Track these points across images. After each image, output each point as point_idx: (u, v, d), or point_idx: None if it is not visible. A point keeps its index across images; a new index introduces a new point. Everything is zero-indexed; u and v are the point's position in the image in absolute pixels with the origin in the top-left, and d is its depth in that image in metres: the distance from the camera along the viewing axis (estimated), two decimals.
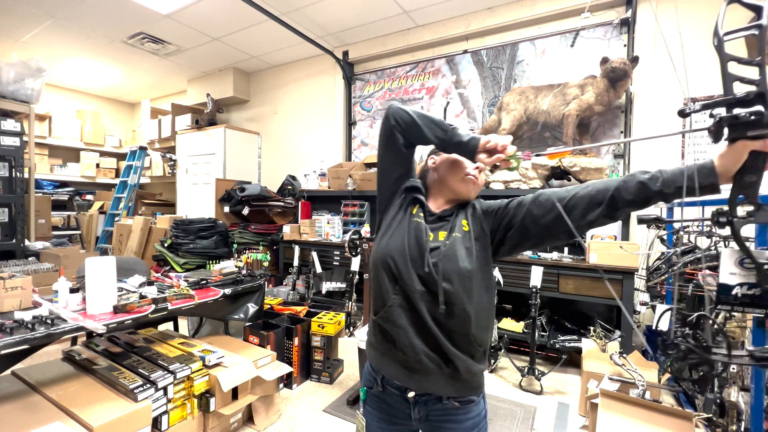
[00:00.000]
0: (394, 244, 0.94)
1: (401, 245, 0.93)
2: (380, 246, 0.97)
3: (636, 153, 3.06)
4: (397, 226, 0.97)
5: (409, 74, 4.18)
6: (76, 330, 1.56)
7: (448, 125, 0.92)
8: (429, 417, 0.94)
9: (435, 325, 0.88)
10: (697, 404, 2.00)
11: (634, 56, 2.82)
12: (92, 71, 5.35)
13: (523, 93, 3.29)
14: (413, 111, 0.96)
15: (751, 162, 0.63)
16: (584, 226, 0.82)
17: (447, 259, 0.89)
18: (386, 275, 0.94)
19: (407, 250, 0.92)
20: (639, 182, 0.74)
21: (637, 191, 0.74)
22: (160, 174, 5.96)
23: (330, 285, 3.62)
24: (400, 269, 0.91)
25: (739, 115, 0.58)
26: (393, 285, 0.93)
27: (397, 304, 0.91)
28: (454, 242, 0.91)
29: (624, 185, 0.76)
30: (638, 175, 0.75)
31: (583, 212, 0.80)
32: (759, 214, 0.62)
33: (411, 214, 0.98)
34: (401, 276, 0.91)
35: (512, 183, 3.16)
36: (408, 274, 0.90)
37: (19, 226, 3.34)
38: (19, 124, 3.33)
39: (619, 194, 0.76)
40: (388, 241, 0.95)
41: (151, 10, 3.66)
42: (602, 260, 2.60)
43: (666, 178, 0.72)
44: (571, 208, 0.81)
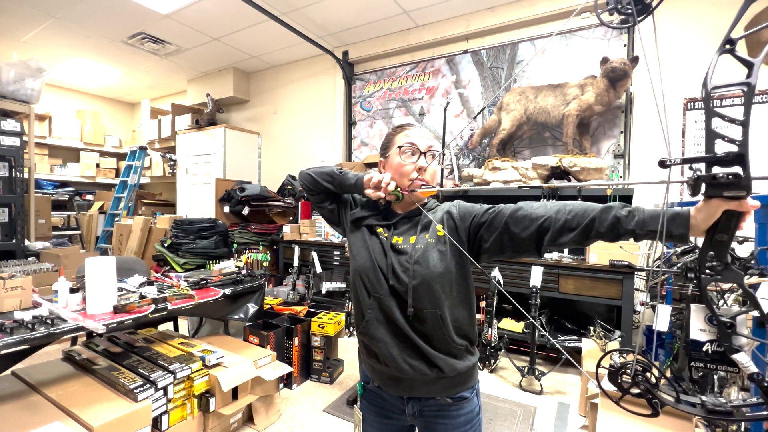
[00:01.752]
0: (362, 259, 0.97)
1: (369, 258, 0.96)
2: (352, 265, 1.01)
3: (636, 153, 3.06)
4: (362, 244, 0.99)
5: (409, 74, 4.18)
6: (76, 330, 1.56)
7: (337, 172, 1.04)
8: (423, 413, 0.97)
9: (412, 330, 0.91)
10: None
11: (634, 56, 2.82)
12: (92, 71, 5.35)
13: (523, 93, 3.29)
14: (312, 170, 1.07)
15: (724, 221, 0.63)
16: (554, 248, 0.85)
17: (417, 263, 0.91)
18: (361, 290, 0.97)
19: (375, 262, 0.94)
20: (615, 217, 0.74)
21: (611, 226, 0.75)
22: (160, 174, 5.95)
23: (330, 285, 3.62)
24: (371, 281, 0.94)
25: (717, 174, 0.58)
26: (367, 298, 0.95)
27: (374, 317, 0.94)
28: (426, 247, 0.93)
29: (600, 216, 0.76)
30: (616, 209, 0.75)
31: (556, 235, 0.81)
32: (725, 273, 0.62)
33: (372, 232, 1.00)
34: (373, 287, 0.94)
35: (512, 183, 3.16)
36: (379, 284, 0.93)
37: (19, 226, 3.34)
38: (19, 124, 3.33)
39: (593, 224, 0.77)
40: (357, 259, 0.99)
41: (151, 10, 3.66)
42: (602, 260, 2.60)
43: (640, 219, 0.72)
44: (545, 229, 0.81)
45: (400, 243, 0.96)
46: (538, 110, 3.19)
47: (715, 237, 0.63)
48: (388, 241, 0.97)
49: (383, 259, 0.94)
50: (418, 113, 4.12)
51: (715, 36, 2.79)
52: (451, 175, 3.82)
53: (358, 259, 0.98)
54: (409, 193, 0.97)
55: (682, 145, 2.91)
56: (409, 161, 0.98)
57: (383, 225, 1.00)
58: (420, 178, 0.97)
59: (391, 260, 0.93)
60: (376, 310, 0.94)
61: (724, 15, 2.75)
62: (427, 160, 0.98)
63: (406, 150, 0.98)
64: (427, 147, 0.98)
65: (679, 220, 0.67)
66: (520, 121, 3.28)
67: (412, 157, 0.98)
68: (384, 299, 0.92)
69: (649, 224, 0.71)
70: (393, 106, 4.29)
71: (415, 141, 0.98)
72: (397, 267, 0.92)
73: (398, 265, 0.93)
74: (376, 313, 0.94)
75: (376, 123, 4.41)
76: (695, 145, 2.86)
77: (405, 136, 1.00)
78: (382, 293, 0.93)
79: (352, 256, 1.02)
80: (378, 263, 0.94)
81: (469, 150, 3.80)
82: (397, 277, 0.92)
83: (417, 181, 0.97)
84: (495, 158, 3.32)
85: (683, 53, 2.90)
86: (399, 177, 0.98)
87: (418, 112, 4.12)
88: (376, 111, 4.41)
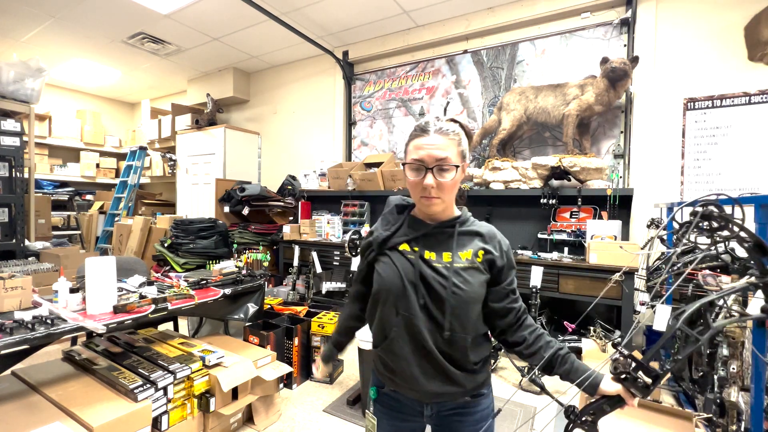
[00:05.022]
0: (390, 276, 0.93)
1: (398, 275, 0.92)
2: (378, 281, 0.96)
3: (636, 153, 3.06)
4: (388, 262, 0.95)
5: (409, 74, 4.18)
6: (76, 330, 1.56)
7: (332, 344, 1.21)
8: (440, 413, 0.97)
9: (438, 352, 0.90)
10: (697, 404, 2.00)
11: (634, 56, 2.82)
12: (92, 71, 5.35)
13: (523, 93, 3.29)
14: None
15: (611, 400, 0.81)
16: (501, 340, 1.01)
17: (457, 286, 0.89)
18: (387, 308, 0.94)
19: (405, 280, 0.91)
20: (550, 357, 0.91)
21: (546, 363, 0.92)
22: (160, 174, 5.95)
23: (330, 285, 3.62)
24: (400, 298, 0.91)
25: (638, 377, 0.75)
26: (394, 316, 0.93)
27: (399, 336, 0.92)
28: (466, 268, 0.92)
29: (537, 352, 0.93)
30: (556, 348, 0.92)
31: (508, 336, 0.98)
32: (590, 427, 0.81)
33: (395, 250, 0.96)
34: (402, 305, 0.91)
35: (512, 183, 3.16)
36: (408, 302, 0.90)
37: (19, 226, 3.34)
38: (19, 124, 3.33)
39: (533, 355, 0.94)
40: (383, 276, 0.95)
41: (151, 10, 3.66)
42: (602, 260, 2.60)
43: (566, 369, 0.90)
44: (510, 328, 0.97)
45: (433, 259, 0.92)
46: (538, 110, 3.19)
47: (602, 404, 0.81)
48: (417, 255, 0.93)
49: (414, 276, 0.91)
50: (418, 113, 4.12)
51: (715, 36, 2.79)
52: None
53: (384, 276, 0.94)
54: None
55: (681, 145, 2.91)
56: (415, 178, 0.92)
57: (408, 240, 0.96)
58: (425, 196, 0.91)
59: (425, 277, 0.90)
60: (401, 328, 0.91)
61: (725, 15, 2.75)
62: (440, 175, 0.89)
63: (412, 166, 0.92)
64: (435, 162, 0.89)
65: (589, 387, 0.85)
66: (520, 121, 3.28)
67: (418, 174, 0.91)
68: (413, 319, 0.90)
69: (570, 377, 0.89)
70: (393, 106, 4.29)
71: (421, 157, 0.90)
72: (435, 285, 0.89)
73: (436, 283, 0.90)
74: (401, 332, 0.92)
75: (376, 123, 4.41)
76: (695, 145, 2.86)
77: (414, 148, 0.93)
78: (412, 312, 0.90)
79: (377, 273, 0.97)
80: (408, 280, 0.91)
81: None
82: (433, 296, 0.89)
83: (423, 200, 0.92)
84: (495, 158, 3.31)
85: (683, 53, 2.90)
86: (411, 191, 0.95)
87: (418, 112, 4.12)
88: (376, 111, 4.41)
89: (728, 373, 1.62)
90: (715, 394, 1.66)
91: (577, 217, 3.12)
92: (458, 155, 0.92)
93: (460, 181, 0.96)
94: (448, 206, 0.97)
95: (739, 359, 1.64)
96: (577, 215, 3.13)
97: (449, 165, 0.89)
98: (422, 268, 0.91)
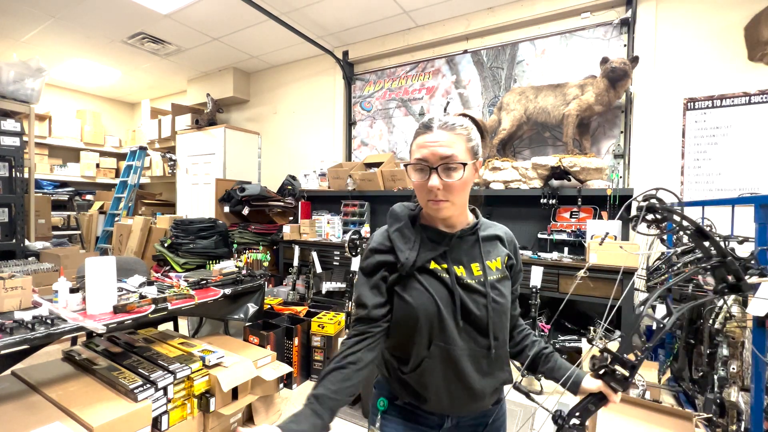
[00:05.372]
0: (423, 303, 0.82)
1: (432, 302, 0.82)
2: (404, 308, 0.84)
3: (636, 153, 3.06)
4: (418, 286, 0.84)
5: (409, 74, 4.18)
6: (76, 330, 1.56)
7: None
8: (460, 423, 0.91)
9: (477, 375, 0.84)
10: (697, 404, 2.00)
11: (634, 56, 2.82)
12: (92, 71, 5.35)
13: (523, 93, 3.29)
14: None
15: (594, 398, 0.82)
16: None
17: (495, 302, 0.85)
18: (419, 337, 0.83)
19: (441, 307, 0.82)
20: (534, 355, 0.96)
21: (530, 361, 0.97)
22: (160, 174, 5.95)
23: (330, 285, 3.62)
24: (435, 328, 0.82)
25: (615, 370, 0.77)
26: (426, 348, 0.83)
27: (431, 366, 0.83)
28: (496, 278, 0.88)
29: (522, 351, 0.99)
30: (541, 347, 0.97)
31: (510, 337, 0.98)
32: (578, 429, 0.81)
33: (429, 270, 0.85)
34: (438, 335, 0.82)
35: (512, 183, 3.16)
36: (445, 331, 0.82)
37: (19, 226, 3.34)
38: (19, 124, 3.33)
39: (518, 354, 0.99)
40: (413, 303, 0.83)
41: (151, 10, 3.65)
42: (602, 260, 2.60)
43: (550, 367, 0.94)
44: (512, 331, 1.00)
45: (465, 277, 0.85)
46: (538, 110, 3.19)
47: (587, 403, 0.81)
48: (451, 276, 0.84)
49: (451, 300, 0.83)
50: (418, 113, 4.12)
51: (715, 36, 2.79)
52: None
53: (416, 304, 0.82)
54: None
55: (682, 145, 2.91)
56: (419, 180, 0.83)
57: (435, 257, 0.85)
58: (432, 199, 0.82)
59: (461, 299, 0.83)
60: (435, 359, 0.83)
61: (725, 15, 2.75)
62: (446, 175, 0.81)
63: (416, 167, 0.83)
64: (440, 161, 0.80)
65: (573, 385, 0.87)
66: (520, 121, 3.28)
67: (423, 175, 0.82)
68: (451, 349, 0.81)
69: (555, 376, 0.91)
70: (393, 106, 4.29)
71: (424, 156, 0.81)
72: (473, 306, 0.83)
73: (474, 304, 0.83)
74: (435, 363, 0.83)
75: (376, 123, 4.41)
76: (695, 145, 2.86)
77: (417, 147, 0.84)
78: (449, 342, 0.81)
79: (403, 300, 0.84)
80: (445, 306, 0.82)
81: None
82: (472, 318, 0.83)
83: (430, 203, 0.83)
84: (495, 158, 3.32)
85: (683, 53, 2.90)
86: (418, 194, 0.86)
87: (418, 112, 4.12)
88: (376, 111, 4.41)
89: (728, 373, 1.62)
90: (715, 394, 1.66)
91: (577, 217, 3.12)
92: (467, 152, 0.83)
93: (471, 182, 0.87)
94: (460, 210, 0.88)
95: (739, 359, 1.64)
96: (577, 215, 3.13)
97: (456, 163, 0.80)
98: (458, 289, 0.83)
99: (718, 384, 1.65)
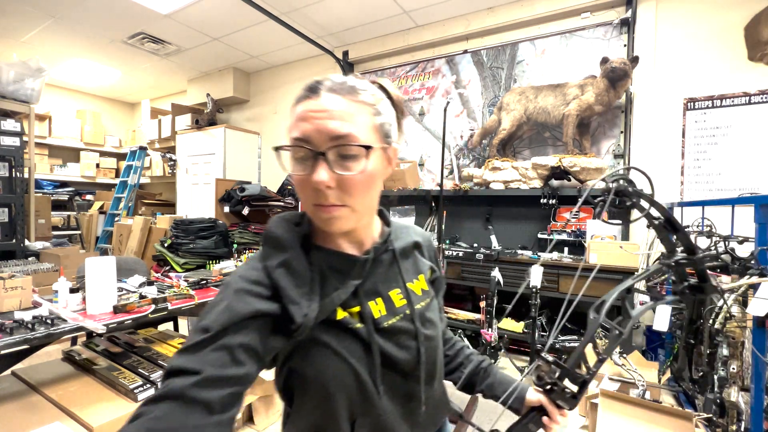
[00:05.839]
0: (338, 374, 0.56)
1: (350, 371, 0.57)
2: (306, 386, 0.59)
3: (636, 153, 3.06)
4: (325, 352, 0.57)
5: (409, 74, 4.18)
6: (76, 330, 1.56)
7: None
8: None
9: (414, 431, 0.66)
10: (697, 404, 2.00)
11: (634, 56, 2.82)
12: (92, 71, 5.35)
13: (523, 93, 3.29)
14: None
15: (538, 415, 0.72)
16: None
17: (428, 339, 0.65)
18: (331, 414, 0.57)
19: (357, 374, 0.57)
20: (470, 373, 0.79)
21: (466, 380, 0.80)
22: (160, 174, 5.95)
23: None
24: (353, 401, 0.58)
25: (565, 387, 0.67)
26: (347, 420, 0.58)
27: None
28: (424, 304, 0.67)
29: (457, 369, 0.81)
30: (477, 362, 0.81)
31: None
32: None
33: (337, 322, 0.58)
34: (359, 409, 0.58)
35: (512, 183, 3.16)
36: (366, 402, 0.58)
37: (19, 226, 3.34)
38: (19, 124, 3.33)
39: (452, 373, 0.82)
40: (324, 379, 0.56)
41: (151, 10, 3.65)
42: (602, 260, 2.60)
43: (489, 383, 0.78)
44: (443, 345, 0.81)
45: (384, 316, 0.61)
46: (538, 110, 3.19)
47: (529, 420, 0.72)
48: (368, 324, 0.59)
49: (372, 361, 0.58)
50: (418, 113, 4.12)
51: (715, 36, 2.79)
52: (451, 175, 3.82)
53: (323, 377, 0.56)
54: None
55: (681, 145, 2.91)
56: (300, 173, 0.55)
57: (341, 301, 0.58)
58: (319, 204, 0.54)
59: (386, 353, 0.59)
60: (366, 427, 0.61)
61: (725, 15, 2.75)
62: (340, 165, 0.53)
63: (295, 153, 0.55)
64: (330, 142, 0.53)
65: (515, 402, 0.75)
66: (520, 121, 3.28)
67: (304, 165, 0.55)
68: (381, 418, 0.59)
69: (495, 393, 0.77)
70: None
71: (305, 133, 0.53)
72: (401, 355, 0.61)
73: (402, 352, 0.61)
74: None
75: None
76: (695, 145, 2.86)
77: (296, 120, 0.55)
78: (378, 411, 0.59)
79: (300, 376, 0.59)
80: (365, 370, 0.57)
81: (469, 150, 3.80)
82: (400, 370, 0.61)
83: (316, 210, 0.55)
84: (495, 158, 3.32)
85: (683, 53, 2.90)
86: (301, 195, 0.58)
87: (418, 112, 4.12)
88: None
89: (728, 373, 1.62)
90: (715, 394, 1.66)
91: (577, 217, 3.12)
92: (374, 131, 0.57)
93: (382, 177, 0.61)
94: (367, 219, 0.63)
95: (739, 359, 1.64)
96: (577, 215, 3.13)
97: (356, 146, 0.53)
98: (377, 340, 0.59)
99: (718, 384, 1.65)
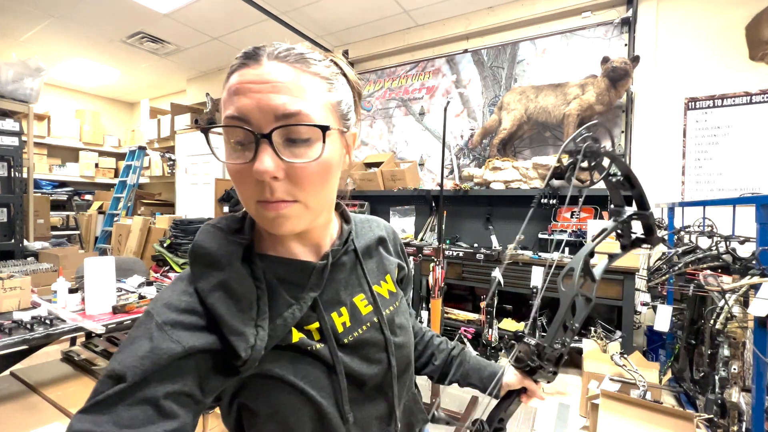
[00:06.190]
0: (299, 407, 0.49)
1: (310, 403, 0.49)
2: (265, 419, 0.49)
3: (637, 153, 3.05)
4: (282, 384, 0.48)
5: (409, 74, 4.17)
6: (75, 330, 1.56)
7: None
8: None
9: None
10: (698, 405, 2.00)
11: (634, 56, 2.82)
12: (91, 71, 5.34)
13: (523, 92, 3.29)
14: None
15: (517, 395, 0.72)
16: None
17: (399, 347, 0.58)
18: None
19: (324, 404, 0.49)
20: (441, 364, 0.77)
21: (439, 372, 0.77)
22: (159, 174, 5.94)
23: None
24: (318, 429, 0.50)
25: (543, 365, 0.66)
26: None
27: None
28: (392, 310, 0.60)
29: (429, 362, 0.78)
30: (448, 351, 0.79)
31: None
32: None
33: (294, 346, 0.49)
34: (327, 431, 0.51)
35: (513, 183, 3.15)
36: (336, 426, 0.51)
37: (18, 226, 3.33)
38: (17, 123, 3.32)
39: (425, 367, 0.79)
40: (282, 417, 0.48)
41: (151, 10, 3.65)
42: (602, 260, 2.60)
43: (464, 372, 0.76)
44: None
45: (348, 329, 0.53)
46: (539, 110, 3.18)
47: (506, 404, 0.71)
48: (330, 342, 0.50)
49: (331, 388, 0.50)
50: (418, 113, 4.11)
51: (716, 35, 2.79)
52: (451, 175, 3.82)
53: (280, 414, 0.48)
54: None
55: (682, 145, 2.90)
56: (234, 161, 0.46)
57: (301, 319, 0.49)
58: (264, 200, 0.45)
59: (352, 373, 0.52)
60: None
61: (725, 14, 2.75)
62: (287, 150, 0.44)
63: (228, 135, 0.46)
64: (275, 121, 0.43)
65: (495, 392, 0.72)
66: (521, 121, 3.28)
67: (241, 151, 0.45)
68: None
69: (470, 377, 0.75)
70: (393, 106, 4.28)
71: (243, 110, 0.44)
72: (365, 370, 0.53)
73: (365, 365, 0.53)
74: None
75: (376, 122, 4.40)
76: (696, 145, 2.86)
77: (230, 94, 0.47)
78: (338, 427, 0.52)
79: (252, 414, 0.50)
80: (327, 398, 0.50)
81: (469, 150, 3.80)
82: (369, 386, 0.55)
83: (260, 207, 0.46)
84: (495, 158, 3.31)
85: (684, 53, 2.90)
86: (239, 190, 0.48)
87: (418, 112, 4.12)
88: (376, 110, 4.40)
89: (729, 373, 1.62)
90: (716, 394, 1.65)
91: (578, 217, 3.12)
92: (330, 111, 0.47)
93: (340, 166, 0.51)
94: (321, 219, 0.53)
95: (740, 360, 1.64)
96: (577, 215, 3.12)
97: (306, 125, 0.43)
98: (346, 360, 0.51)
99: (719, 384, 1.65)
